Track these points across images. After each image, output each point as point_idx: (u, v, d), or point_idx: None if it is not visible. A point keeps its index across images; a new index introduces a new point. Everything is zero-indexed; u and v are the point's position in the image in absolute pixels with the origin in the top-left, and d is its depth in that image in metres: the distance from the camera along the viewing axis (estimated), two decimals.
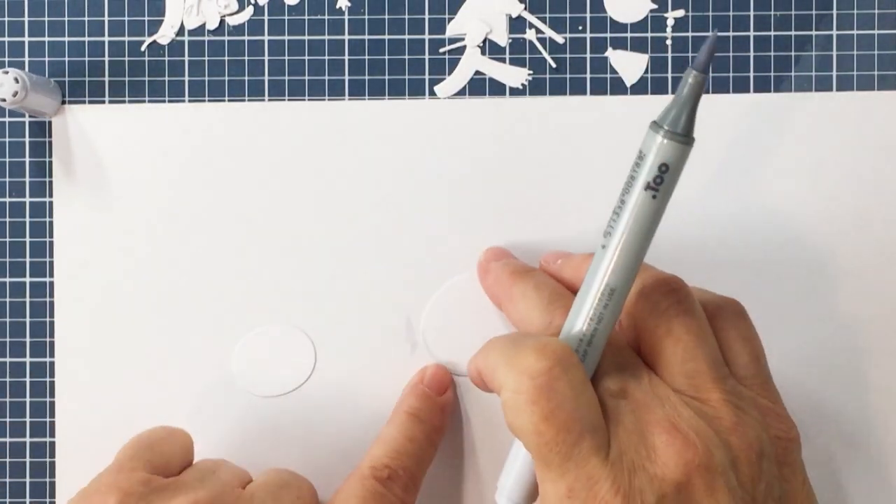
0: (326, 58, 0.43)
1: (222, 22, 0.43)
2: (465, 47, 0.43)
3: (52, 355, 0.43)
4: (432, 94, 0.43)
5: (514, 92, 0.43)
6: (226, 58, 0.43)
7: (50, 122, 0.43)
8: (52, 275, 0.43)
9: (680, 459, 0.32)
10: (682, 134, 0.32)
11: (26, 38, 0.43)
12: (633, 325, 0.36)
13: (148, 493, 0.36)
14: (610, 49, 0.43)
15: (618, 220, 0.33)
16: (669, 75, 0.43)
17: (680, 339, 0.34)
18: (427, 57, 0.43)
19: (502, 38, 0.43)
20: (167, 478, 0.37)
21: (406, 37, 0.43)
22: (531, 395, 0.32)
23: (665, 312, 0.35)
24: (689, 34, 0.43)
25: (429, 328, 0.43)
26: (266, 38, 0.43)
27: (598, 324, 0.33)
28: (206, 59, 0.43)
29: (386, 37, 0.43)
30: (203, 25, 0.43)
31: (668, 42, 0.43)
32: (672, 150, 0.32)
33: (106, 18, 0.43)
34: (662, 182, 0.32)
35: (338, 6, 0.43)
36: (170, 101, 0.43)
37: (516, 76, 0.43)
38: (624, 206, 0.33)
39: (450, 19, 0.43)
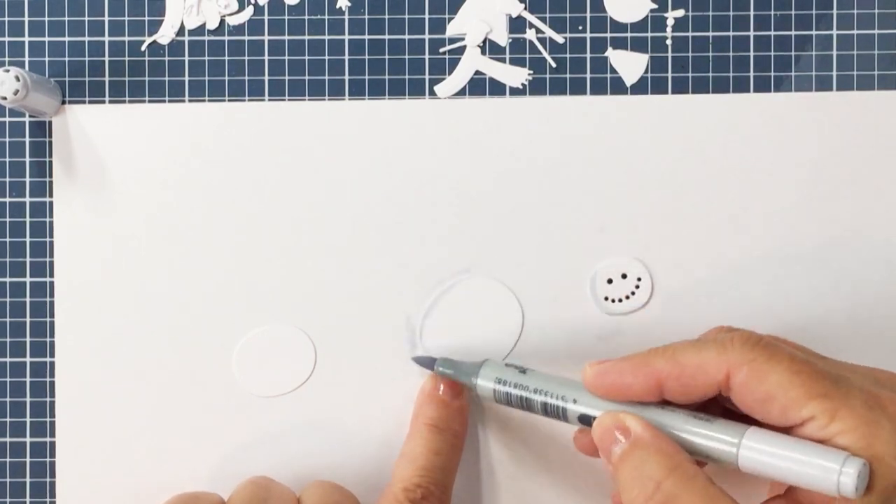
0: (326, 58, 0.43)
1: (222, 22, 0.43)
2: (465, 47, 0.43)
3: (52, 355, 0.43)
4: (432, 94, 0.43)
5: (514, 92, 0.43)
6: (226, 58, 0.43)
7: (50, 122, 0.43)
8: (52, 275, 0.43)
9: None
10: None
11: (26, 38, 0.43)
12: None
13: None
14: (610, 49, 0.43)
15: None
16: (669, 75, 0.43)
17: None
18: (427, 57, 0.43)
19: (502, 38, 0.43)
20: None
21: (406, 37, 0.43)
22: None
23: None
24: (689, 34, 0.43)
25: (427, 331, 0.43)
26: (266, 38, 0.43)
27: None
28: (206, 59, 0.43)
29: (386, 37, 0.43)
30: (203, 25, 0.43)
31: (668, 42, 0.43)
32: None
33: (106, 18, 0.43)
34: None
35: (338, 6, 0.43)
36: (170, 101, 0.43)
37: (516, 76, 0.43)
38: None
39: (450, 19, 0.43)
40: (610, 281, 0.43)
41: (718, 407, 0.37)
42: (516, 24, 0.43)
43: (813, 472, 0.32)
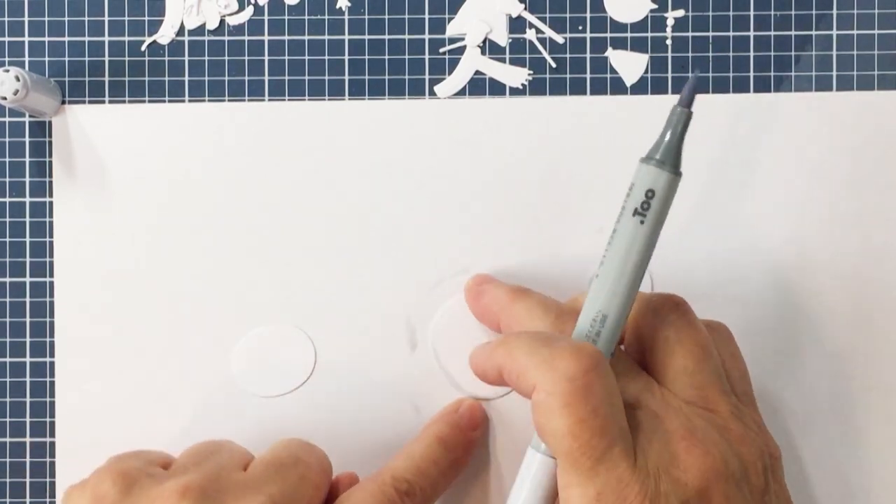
0: (326, 58, 0.43)
1: (222, 22, 0.43)
2: (465, 47, 0.43)
3: (52, 355, 0.43)
4: (432, 94, 0.43)
5: (514, 92, 0.43)
6: (226, 58, 0.43)
7: (50, 122, 0.43)
8: (52, 275, 0.43)
9: (701, 466, 0.32)
10: (667, 163, 0.33)
11: (26, 38, 0.43)
12: (637, 338, 0.36)
13: (142, 477, 0.36)
14: (610, 49, 0.43)
15: (610, 247, 0.34)
16: (669, 75, 0.43)
17: (690, 350, 0.35)
18: (427, 57, 0.43)
19: (502, 38, 0.43)
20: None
21: (406, 37, 0.43)
22: (567, 397, 0.32)
23: (673, 324, 0.36)
24: (689, 34, 0.43)
25: (438, 338, 0.43)
26: (266, 38, 0.43)
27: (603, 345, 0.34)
28: (206, 59, 0.43)
29: (386, 37, 0.43)
30: (203, 25, 0.43)
31: (668, 42, 0.43)
32: (657, 177, 0.34)
33: (106, 18, 0.43)
34: (649, 208, 0.34)
35: (338, 6, 0.43)
36: (170, 101, 0.43)
37: (516, 76, 0.43)
38: (615, 234, 0.34)
39: (450, 19, 0.43)
40: None
41: None
42: (516, 24, 0.43)
43: None
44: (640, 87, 0.43)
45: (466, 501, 0.43)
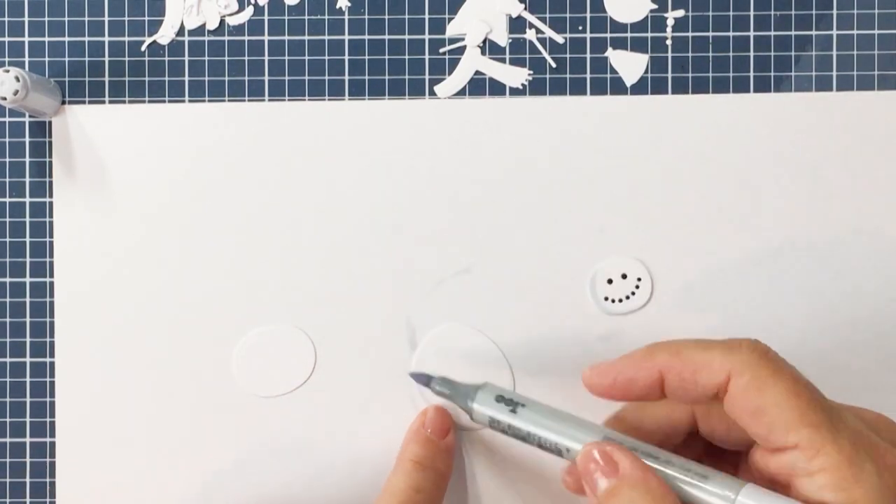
0: (326, 58, 0.43)
1: (222, 22, 0.43)
2: (465, 47, 0.43)
3: (52, 355, 0.43)
4: (432, 94, 0.43)
5: (514, 92, 0.43)
6: (226, 58, 0.43)
7: (50, 122, 0.43)
8: (52, 275, 0.43)
9: None
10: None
11: (26, 38, 0.43)
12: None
13: None
14: (610, 49, 0.43)
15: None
16: (669, 75, 0.43)
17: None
18: (427, 57, 0.43)
19: (502, 38, 0.43)
20: None
21: (406, 37, 0.43)
22: (771, 367, 0.33)
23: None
24: (689, 34, 0.43)
25: (427, 332, 0.43)
26: (266, 38, 0.43)
27: None
28: (206, 59, 0.43)
29: (386, 37, 0.43)
30: (203, 25, 0.43)
31: (668, 42, 0.43)
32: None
33: (106, 18, 0.43)
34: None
35: (338, 6, 0.43)
36: (170, 101, 0.43)
37: (516, 76, 0.43)
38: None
39: (450, 19, 0.43)
40: (610, 281, 0.43)
41: (701, 442, 0.37)
42: (516, 24, 0.43)
43: None
44: (640, 87, 0.43)
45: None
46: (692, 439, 0.37)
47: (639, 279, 0.43)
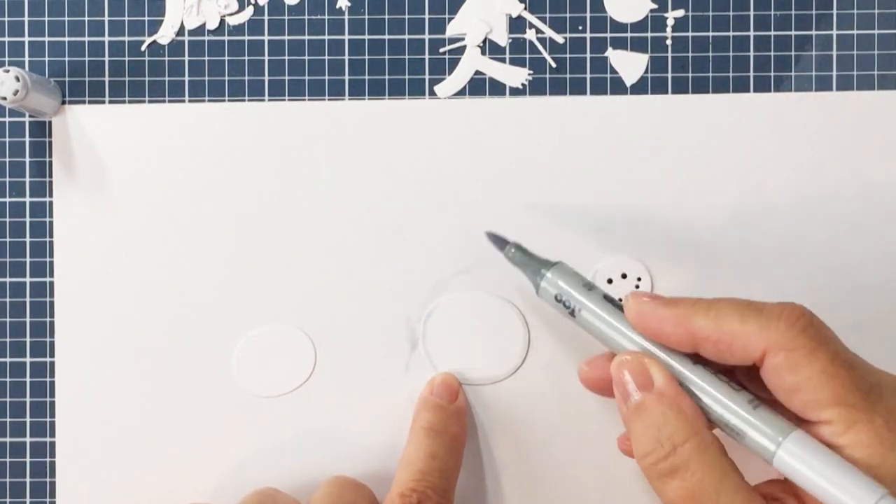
0: (326, 58, 0.43)
1: (222, 22, 0.43)
2: (465, 47, 0.43)
3: (52, 355, 0.43)
4: (432, 94, 0.43)
5: (514, 92, 0.43)
6: (226, 58, 0.43)
7: (50, 122, 0.43)
8: (52, 275, 0.43)
9: None
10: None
11: (26, 38, 0.43)
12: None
13: None
14: (610, 49, 0.43)
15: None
16: (669, 75, 0.43)
17: None
18: (427, 57, 0.43)
19: (502, 38, 0.43)
20: None
21: (406, 37, 0.43)
22: (809, 346, 0.33)
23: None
24: (689, 34, 0.43)
25: (428, 332, 0.43)
26: (266, 38, 0.43)
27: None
28: (206, 59, 0.43)
29: (386, 37, 0.43)
30: (203, 25, 0.43)
31: (668, 42, 0.43)
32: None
33: (106, 18, 0.43)
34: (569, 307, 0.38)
35: (338, 6, 0.43)
36: (170, 101, 0.43)
37: (516, 76, 0.43)
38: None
39: (450, 19, 0.43)
40: (610, 281, 0.43)
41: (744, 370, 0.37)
42: (516, 24, 0.43)
43: (844, 497, 0.31)
44: (640, 87, 0.43)
45: (462, 490, 0.43)
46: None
47: (639, 279, 0.43)
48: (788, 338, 0.33)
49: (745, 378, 0.36)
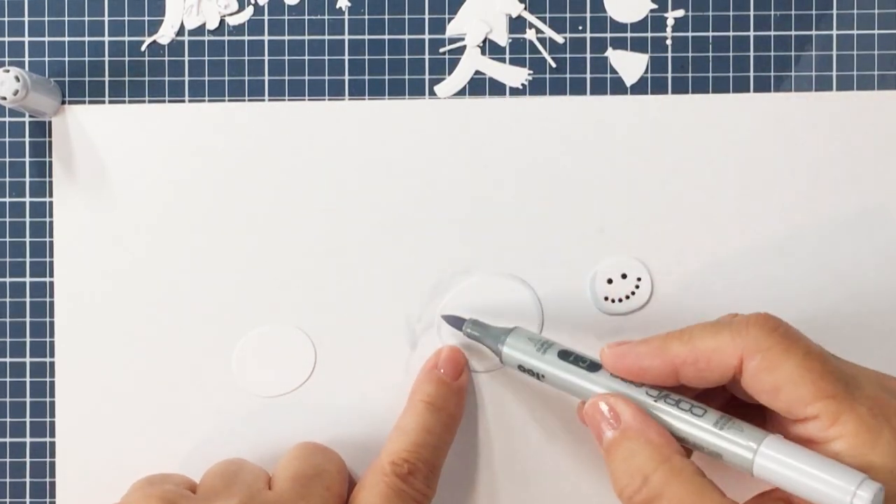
0: (326, 58, 0.43)
1: (222, 22, 0.43)
2: (465, 47, 0.43)
3: (52, 355, 0.43)
4: (432, 94, 0.43)
5: (514, 92, 0.43)
6: (226, 58, 0.43)
7: (50, 122, 0.43)
8: (52, 275, 0.43)
9: None
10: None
11: (26, 38, 0.43)
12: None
13: (181, 500, 0.36)
14: (610, 49, 0.43)
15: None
16: (669, 75, 0.43)
17: None
18: (427, 57, 0.43)
19: (502, 38, 0.43)
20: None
21: (406, 37, 0.43)
22: (782, 345, 0.34)
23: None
24: (689, 34, 0.43)
25: (427, 332, 0.43)
26: (266, 38, 0.43)
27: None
28: (206, 59, 0.43)
29: (386, 37, 0.43)
30: (203, 25, 0.43)
31: (668, 42, 0.43)
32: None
33: (106, 18, 0.43)
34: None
35: (338, 6, 0.43)
36: (170, 101, 0.43)
37: (516, 76, 0.43)
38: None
39: (450, 19, 0.43)
40: (610, 281, 0.43)
41: (725, 394, 0.37)
42: (516, 24, 0.43)
43: (826, 489, 0.32)
44: (640, 87, 0.43)
45: (458, 477, 0.43)
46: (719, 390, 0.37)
47: (639, 279, 0.43)
48: (761, 339, 0.34)
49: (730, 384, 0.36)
